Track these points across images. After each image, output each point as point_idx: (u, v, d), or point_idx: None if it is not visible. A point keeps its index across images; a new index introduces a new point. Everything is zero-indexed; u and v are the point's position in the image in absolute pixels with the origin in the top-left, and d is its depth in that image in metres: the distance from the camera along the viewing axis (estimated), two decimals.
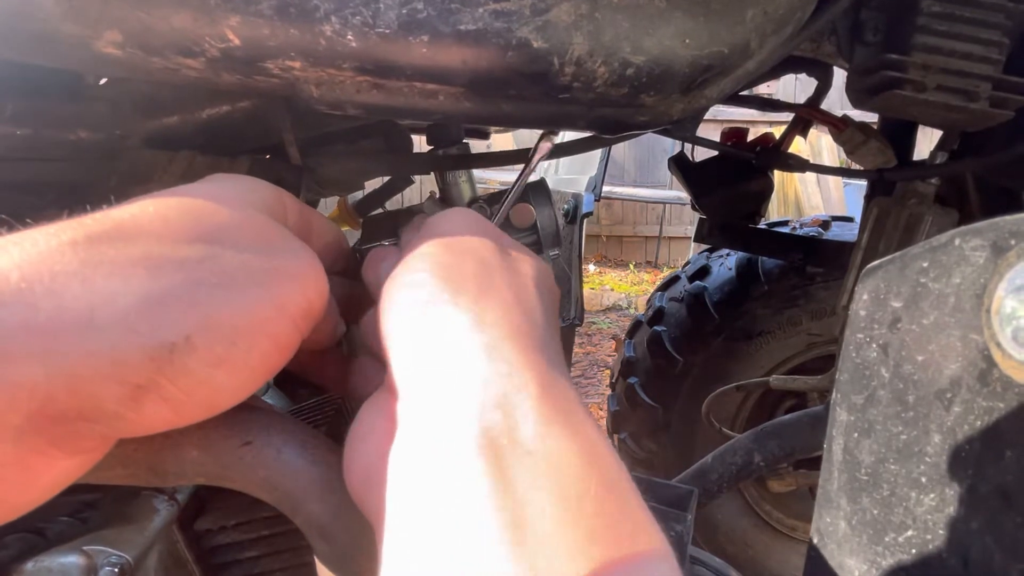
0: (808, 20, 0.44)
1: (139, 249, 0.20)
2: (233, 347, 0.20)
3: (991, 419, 0.25)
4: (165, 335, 0.19)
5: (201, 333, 0.20)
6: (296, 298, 0.23)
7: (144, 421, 0.20)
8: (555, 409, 0.20)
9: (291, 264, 0.24)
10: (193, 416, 0.21)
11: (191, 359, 0.20)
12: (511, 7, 0.33)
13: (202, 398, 0.21)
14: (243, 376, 0.21)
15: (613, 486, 0.19)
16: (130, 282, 0.19)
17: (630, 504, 0.19)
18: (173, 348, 0.19)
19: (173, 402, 0.20)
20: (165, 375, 0.19)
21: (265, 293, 0.22)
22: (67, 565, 0.32)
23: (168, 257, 0.21)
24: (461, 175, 0.65)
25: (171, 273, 0.20)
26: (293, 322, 0.23)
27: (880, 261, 0.30)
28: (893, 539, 0.29)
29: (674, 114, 0.42)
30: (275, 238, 0.25)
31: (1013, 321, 0.24)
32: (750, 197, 1.12)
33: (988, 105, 0.55)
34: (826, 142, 4.54)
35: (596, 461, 0.19)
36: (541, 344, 0.23)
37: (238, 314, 0.21)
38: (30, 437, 0.18)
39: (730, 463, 0.93)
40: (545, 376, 0.21)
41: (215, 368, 0.20)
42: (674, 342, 1.37)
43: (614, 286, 5.22)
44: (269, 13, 0.32)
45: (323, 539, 0.28)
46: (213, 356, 0.20)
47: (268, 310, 0.22)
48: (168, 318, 0.19)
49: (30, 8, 0.33)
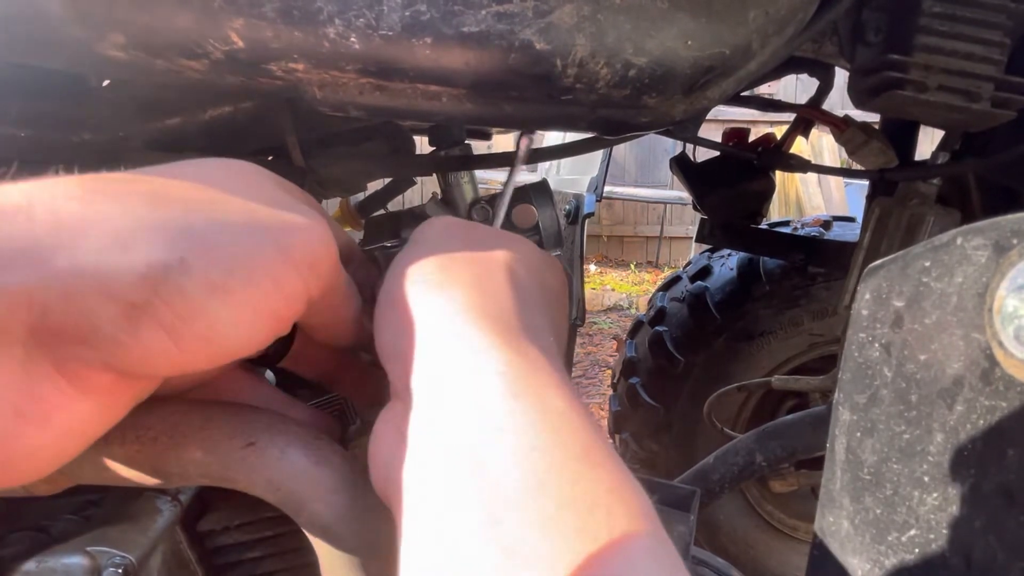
0: (810, 21, 0.44)
1: (143, 187, 0.21)
2: (230, 276, 0.20)
3: (994, 418, 0.25)
4: (158, 254, 0.19)
5: (197, 257, 0.20)
6: (300, 246, 0.23)
7: (144, 351, 0.19)
8: (523, 384, 0.20)
9: (296, 218, 0.24)
10: (196, 351, 0.21)
11: (186, 281, 0.19)
12: (514, 9, 0.33)
13: (201, 329, 0.20)
14: (243, 311, 0.21)
15: (585, 455, 0.19)
16: (128, 207, 0.20)
17: (604, 469, 0.19)
18: (167, 267, 0.19)
19: (170, 328, 0.19)
20: (159, 295, 0.19)
21: (268, 235, 0.22)
22: (71, 566, 0.32)
23: (172, 195, 0.21)
24: (463, 176, 0.65)
25: (171, 205, 0.21)
26: (296, 269, 0.23)
27: (882, 260, 0.31)
28: (896, 538, 0.29)
29: (676, 115, 0.42)
30: (282, 197, 0.25)
31: (1015, 320, 0.24)
32: (751, 197, 1.12)
33: (990, 105, 0.55)
34: (827, 142, 4.54)
35: (564, 431, 0.20)
36: (507, 321, 0.23)
37: (237, 246, 0.21)
38: (36, 358, 0.18)
39: (732, 463, 0.93)
40: (511, 352, 0.21)
41: (212, 295, 0.20)
42: (675, 342, 1.37)
43: (615, 286, 5.22)
44: (273, 15, 0.32)
45: (327, 539, 0.28)
46: (209, 281, 0.20)
47: (270, 250, 0.22)
48: (163, 239, 0.19)
49: (34, 11, 0.33)
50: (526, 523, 0.17)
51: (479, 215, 0.65)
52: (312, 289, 0.24)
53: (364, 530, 0.28)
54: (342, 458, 0.28)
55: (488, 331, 0.22)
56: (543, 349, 0.23)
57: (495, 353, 0.21)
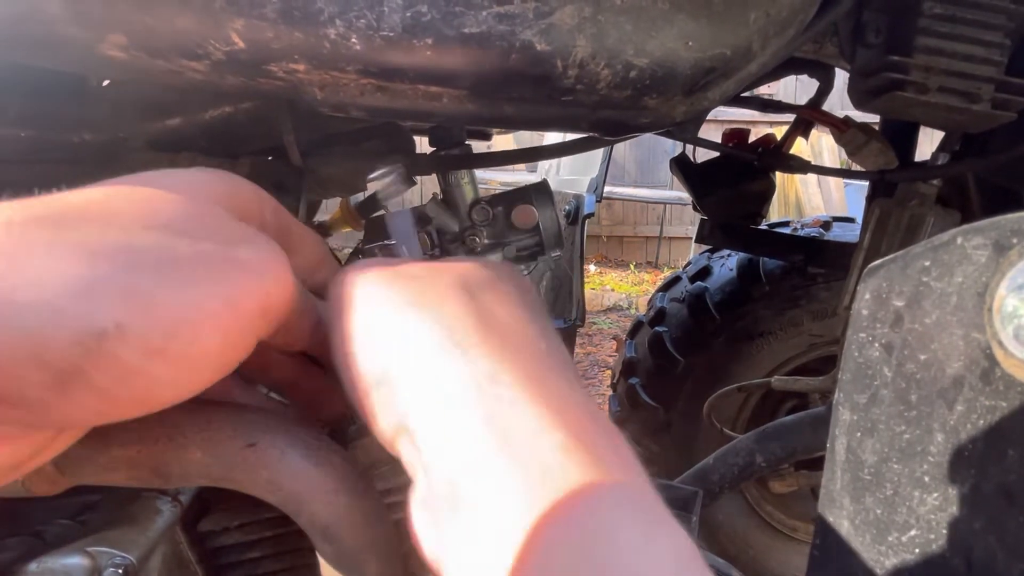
0: (810, 22, 0.44)
1: (80, 234, 0.19)
2: (172, 339, 0.19)
3: (994, 418, 0.25)
4: (93, 321, 0.18)
5: (135, 321, 0.18)
6: (252, 293, 0.21)
7: (72, 411, 0.19)
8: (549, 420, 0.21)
9: (250, 257, 0.22)
10: (129, 410, 0.20)
11: (122, 347, 0.18)
12: (514, 10, 0.33)
13: (137, 390, 0.19)
14: (185, 370, 0.20)
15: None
16: (62, 265, 0.18)
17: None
18: (102, 334, 0.18)
19: (103, 393, 0.19)
20: (92, 362, 0.18)
21: (214, 285, 0.20)
22: (71, 566, 0.32)
23: (110, 244, 0.19)
24: (463, 176, 0.65)
25: (109, 259, 0.19)
26: (247, 319, 0.21)
27: (882, 260, 0.31)
28: (896, 538, 0.29)
29: (676, 116, 0.42)
30: (235, 231, 0.23)
31: (1015, 319, 0.24)
32: (751, 198, 1.12)
33: (990, 107, 0.55)
34: (827, 143, 4.54)
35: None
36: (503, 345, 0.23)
37: (181, 305, 0.19)
38: None
39: (732, 464, 0.93)
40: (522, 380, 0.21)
41: (150, 359, 0.19)
42: (675, 343, 1.37)
43: (615, 286, 5.22)
44: (273, 16, 0.32)
45: (327, 540, 0.28)
46: (148, 346, 0.19)
47: (216, 303, 0.20)
48: (98, 303, 0.18)
49: (35, 11, 0.33)
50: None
51: (479, 215, 0.65)
52: (262, 332, 0.23)
53: (364, 530, 0.28)
54: (342, 459, 0.28)
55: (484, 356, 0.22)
56: (547, 364, 0.23)
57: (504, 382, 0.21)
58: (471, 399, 0.20)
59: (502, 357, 0.21)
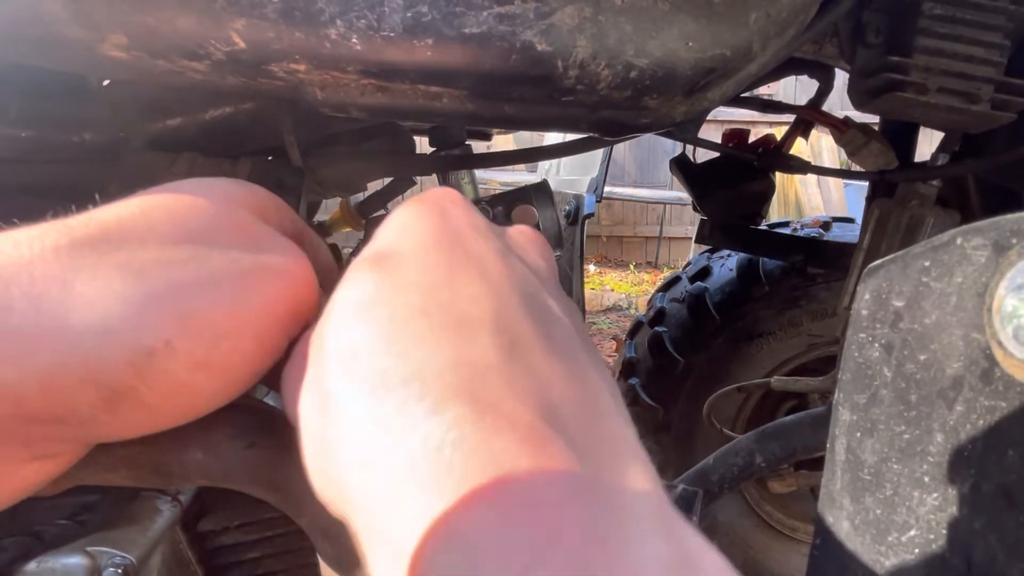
0: (810, 22, 0.45)
1: (122, 254, 0.20)
2: (215, 349, 0.20)
3: (993, 418, 0.25)
4: (144, 340, 0.19)
5: (182, 337, 0.19)
6: (283, 297, 0.22)
7: (119, 425, 0.19)
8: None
9: (279, 262, 0.23)
10: (171, 420, 0.20)
11: (171, 363, 0.19)
12: (515, 11, 0.33)
13: (181, 402, 0.20)
14: (225, 379, 0.21)
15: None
16: (111, 286, 0.19)
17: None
18: (152, 353, 0.19)
19: (151, 407, 0.19)
20: (144, 381, 0.19)
21: (250, 292, 0.21)
22: (70, 566, 0.32)
23: (151, 260, 0.20)
24: (463, 176, 0.65)
25: (153, 276, 0.20)
26: (279, 322, 0.22)
27: (882, 260, 0.31)
28: (896, 539, 0.29)
29: (676, 116, 0.42)
30: (262, 236, 0.24)
31: (1014, 320, 0.24)
32: (751, 198, 1.12)
33: (990, 107, 0.55)
34: (827, 143, 4.54)
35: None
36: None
37: (221, 315, 0.20)
38: (2, 440, 0.18)
39: (731, 464, 0.93)
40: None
41: (196, 372, 0.20)
42: (675, 343, 1.37)
43: (614, 286, 5.22)
44: (274, 16, 0.32)
45: (327, 540, 0.28)
46: (194, 360, 0.19)
47: (253, 310, 0.21)
48: (148, 322, 0.19)
49: (36, 11, 0.33)
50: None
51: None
52: (292, 333, 0.23)
53: None
54: None
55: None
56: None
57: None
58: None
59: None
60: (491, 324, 0.17)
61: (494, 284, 0.19)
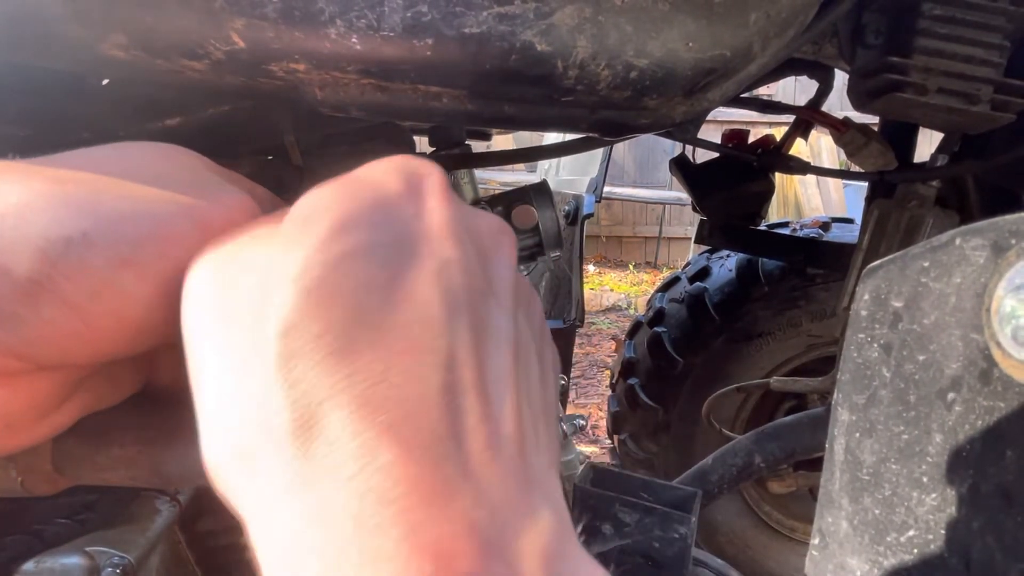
0: (810, 23, 0.45)
1: (51, 170, 0.20)
2: (139, 248, 0.19)
3: (992, 418, 0.25)
4: (59, 229, 0.18)
5: (101, 230, 0.19)
6: (220, 216, 0.21)
7: (48, 329, 0.19)
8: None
9: (223, 191, 0.22)
10: (106, 329, 0.19)
11: (89, 255, 0.18)
12: (515, 11, 0.33)
13: (109, 304, 0.19)
14: (153, 284, 0.20)
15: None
16: (31, 184, 0.19)
17: None
18: (68, 242, 0.18)
19: (75, 306, 0.19)
20: (59, 270, 0.18)
21: (182, 206, 0.21)
22: (69, 566, 0.32)
23: (81, 175, 0.20)
24: (463, 175, 0.65)
25: (79, 182, 0.20)
26: (216, 238, 0.21)
27: (881, 261, 0.31)
28: (895, 539, 0.29)
29: (676, 116, 0.42)
30: (211, 175, 0.24)
31: (1013, 320, 0.24)
32: (751, 199, 1.13)
33: (989, 108, 0.55)
34: (826, 143, 4.54)
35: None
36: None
37: (149, 219, 0.20)
38: None
39: (731, 464, 0.93)
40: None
41: (119, 269, 0.19)
42: (674, 343, 1.38)
43: (614, 287, 5.23)
44: (274, 16, 0.32)
45: None
46: (115, 255, 0.19)
47: (184, 221, 0.20)
48: (64, 214, 0.19)
49: (35, 10, 0.33)
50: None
51: None
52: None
53: None
54: None
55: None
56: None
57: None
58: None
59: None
60: (403, 331, 0.17)
61: (434, 281, 0.18)
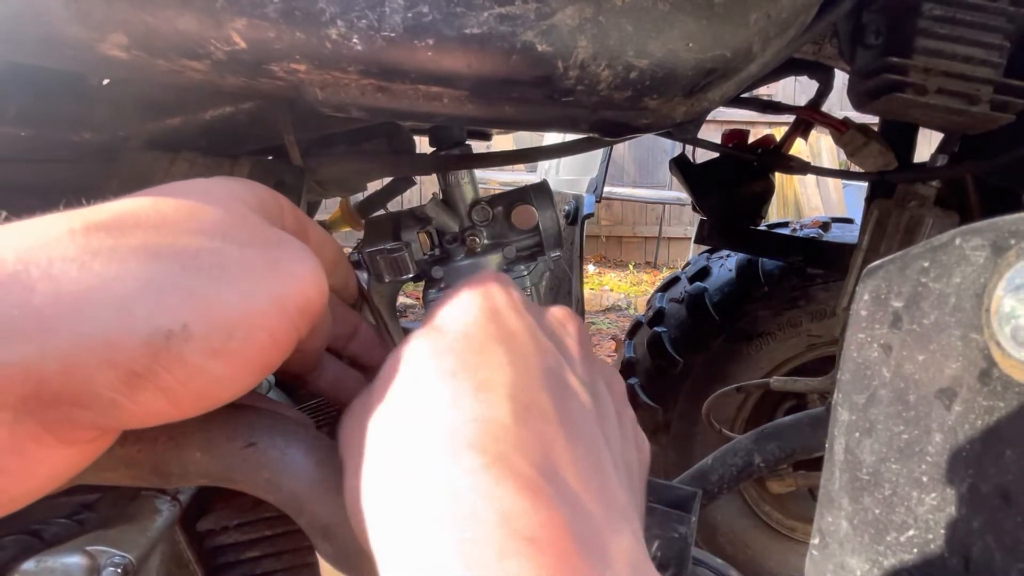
0: (810, 23, 0.45)
1: (137, 239, 0.20)
2: (230, 339, 0.20)
3: (992, 418, 0.25)
4: (161, 322, 0.19)
5: (198, 323, 0.20)
6: (295, 295, 0.23)
7: (140, 411, 0.19)
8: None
9: (290, 261, 0.24)
10: (190, 408, 0.21)
11: (188, 348, 0.19)
12: (516, 11, 0.33)
13: (198, 389, 0.20)
14: (239, 369, 0.21)
15: None
16: (127, 268, 0.19)
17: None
18: (169, 335, 0.19)
19: (169, 392, 0.20)
20: (161, 363, 0.19)
21: (263, 288, 0.22)
22: (70, 565, 0.32)
23: (166, 247, 0.20)
24: (463, 176, 0.65)
25: (169, 262, 0.20)
26: (291, 319, 0.23)
27: (881, 261, 0.31)
28: (895, 539, 0.29)
29: (677, 117, 0.43)
30: (269, 235, 0.24)
31: (1012, 320, 0.24)
32: (751, 199, 1.13)
33: (989, 108, 0.55)
34: (826, 143, 4.55)
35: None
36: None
37: (236, 306, 0.21)
38: (25, 421, 0.18)
39: (730, 464, 0.93)
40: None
41: (211, 359, 0.20)
42: (674, 343, 1.38)
43: (613, 287, 5.23)
44: (275, 16, 0.32)
45: (327, 540, 0.28)
46: (210, 347, 0.20)
47: (266, 305, 0.22)
48: (165, 305, 0.19)
49: (36, 10, 0.33)
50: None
51: (479, 216, 0.65)
52: (303, 332, 0.24)
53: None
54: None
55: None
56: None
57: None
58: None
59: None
60: (509, 389, 0.20)
61: (519, 356, 0.22)
